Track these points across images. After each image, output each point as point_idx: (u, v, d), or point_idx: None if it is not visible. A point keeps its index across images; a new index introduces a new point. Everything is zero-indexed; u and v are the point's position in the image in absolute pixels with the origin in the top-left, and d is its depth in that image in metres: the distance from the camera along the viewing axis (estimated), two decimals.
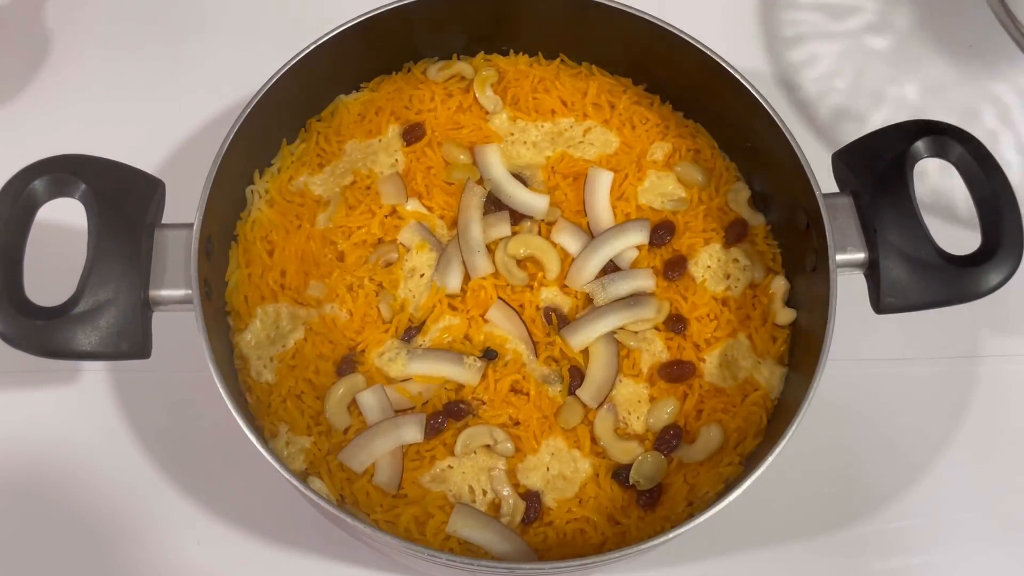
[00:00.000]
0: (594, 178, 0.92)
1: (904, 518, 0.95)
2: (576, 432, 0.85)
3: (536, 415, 0.84)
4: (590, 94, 0.96)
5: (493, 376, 0.85)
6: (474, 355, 0.85)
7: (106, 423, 0.96)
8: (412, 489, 0.82)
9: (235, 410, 0.73)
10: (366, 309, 0.86)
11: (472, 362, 0.84)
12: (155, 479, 0.94)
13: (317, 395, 0.84)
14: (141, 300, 0.76)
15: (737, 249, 0.91)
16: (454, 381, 0.84)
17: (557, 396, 0.86)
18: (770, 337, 0.88)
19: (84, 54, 1.13)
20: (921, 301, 0.80)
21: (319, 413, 0.83)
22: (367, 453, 0.81)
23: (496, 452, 0.83)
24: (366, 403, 0.83)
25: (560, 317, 0.88)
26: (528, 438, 0.84)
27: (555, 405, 0.85)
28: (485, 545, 0.79)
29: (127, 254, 0.76)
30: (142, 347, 0.76)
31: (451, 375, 0.84)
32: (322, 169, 0.93)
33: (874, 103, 1.14)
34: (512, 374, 0.85)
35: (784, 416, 0.83)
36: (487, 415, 0.84)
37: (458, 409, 0.84)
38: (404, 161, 0.93)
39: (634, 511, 0.82)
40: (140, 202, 0.78)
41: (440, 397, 0.84)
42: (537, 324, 0.87)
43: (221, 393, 0.74)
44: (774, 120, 0.85)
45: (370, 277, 0.87)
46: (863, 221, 0.82)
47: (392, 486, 0.81)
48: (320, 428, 0.83)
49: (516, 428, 0.84)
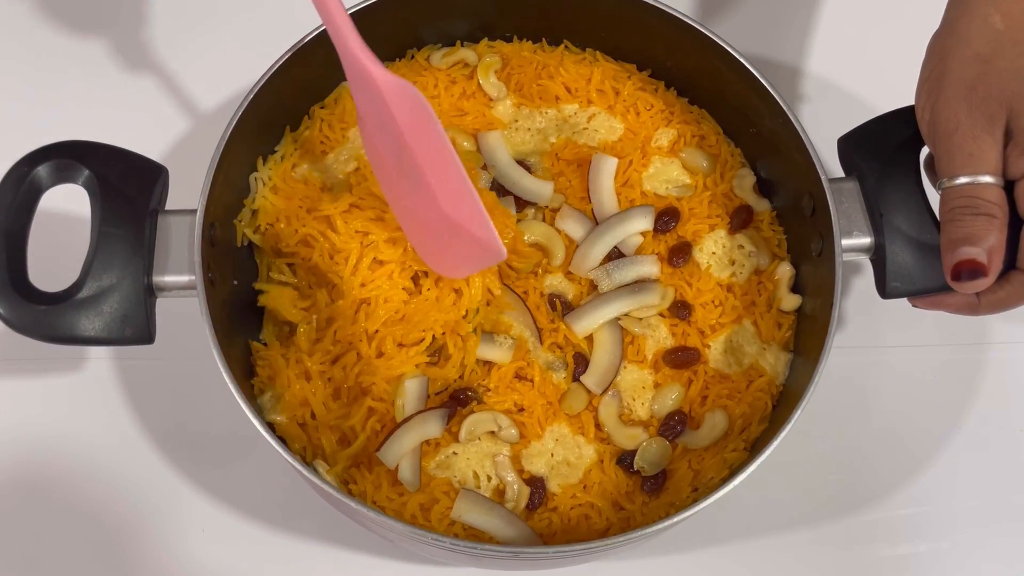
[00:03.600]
0: (598, 164, 0.91)
1: (911, 505, 0.95)
2: (580, 418, 0.84)
3: (540, 401, 0.84)
4: (594, 80, 0.96)
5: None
6: (506, 334, 0.84)
7: (111, 412, 0.96)
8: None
9: (240, 397, 0.73)
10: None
11: (503, 340, 0.84)
12: (160, 468, 0.94)
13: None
14: (144, 286, 0.76)
15: (742, 235, 0.90)
16: (486, 360, 0.84)
17: (561, 382, 0.85)
18: (775, 323, 0.87)
19: (88, 40, 1.12)
20: (928, 285, 0.79)
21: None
22: (399, 447, 0.80)
23: (500, 438, 0.82)
24: (411, 390, 0.82)
25: (564, 303, 0.87)
26: (532, 424, 0.83)
27: (559, 391, 0.85)
28: (490, 530, 0.79)
29: (130, 240, 0.76)
30: (146, 333, 0.76)
31: (484, 355, 0.84)
32: (325, 156, 0.93)
33: (882, 88, 1.12)
34: (517, 360, 0.85)
35: (789, 402, 0.82)
36: (492, 401, 0.84)
37: (464, 396, 0.83)
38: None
39: (639, 497, 0.82)
40: (143, 188, 0.78)
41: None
42: (541, 311, 0.87)
43: (225, 379, 0.73)
44: (779, 105, 0.85)
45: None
46: (869, 206, 0.81)
47: (415, 484, 0.80)
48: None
49: (520, 414, 0.84)
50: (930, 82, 0.77)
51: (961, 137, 0.73)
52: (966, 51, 0.75)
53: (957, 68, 0.75)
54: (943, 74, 0.76)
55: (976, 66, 0.74)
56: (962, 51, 0.75)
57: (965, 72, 0.74)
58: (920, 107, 0.78)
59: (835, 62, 1.16)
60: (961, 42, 0.75)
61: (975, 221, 0.73)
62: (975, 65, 0.74)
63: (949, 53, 0.76)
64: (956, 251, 0.74)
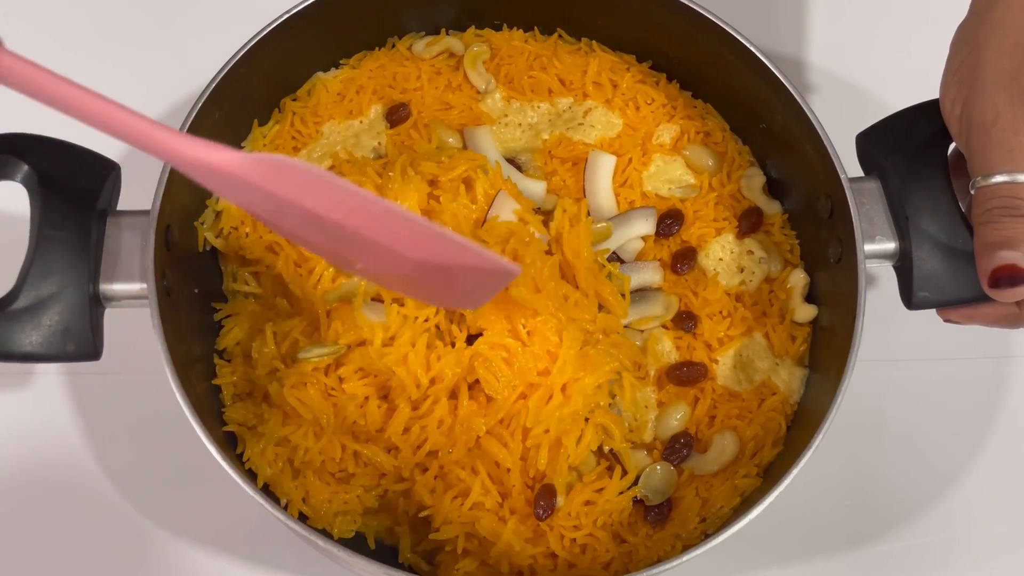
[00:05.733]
0: (595, 162, 0.85)
1: (933, 533, 0.89)
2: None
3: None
4: (590, 72, 0.90)
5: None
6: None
7: (60, 430, 0.89)
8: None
9: (193, 418, 0.66)
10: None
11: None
12: (112, 493, 0.87)
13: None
14: (90, 295, 0.69)
15: (752, 240, 0.85)
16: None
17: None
18: (789, 336, 0.82)
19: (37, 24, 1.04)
20: (960, 295, 0.73)
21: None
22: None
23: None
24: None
25: None
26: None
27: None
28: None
29: (74, 243, 0.69)
30: (91, 347, 0.69)
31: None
32: (297, 152, 0.86)
33: (892, 81, 1.06)
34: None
35: (805, 423, 0.77)
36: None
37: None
38: (387, 144, 0.85)
39: (642, 528, 0.76)
40: (91, 186, 0.72)
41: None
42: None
43: (177, 397, 0.67)
44: (794, 98, 0.80)
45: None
46: (893, 207, 0.76)
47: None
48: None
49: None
50: (960, 73, 0.71)
51: (1000, 131, 0.68)
52: (1004, 40, 0.70)
53: (994, 57, 0.69)
54: (977, 64, 0.70)
55: (1018, 55, 0.69)
56: (1000, 40, 0.70)
57: (1004, 61, 0.69)
58: (949, 100, 0.73)
59: (838, 53, 1.08)
60: (998, 30, 0.70)
61: (1014, 223, 0.67)
62: (1016, 54, 0.69)
63: (984, 42, 0.71)
64: (993, 256, 0.67)
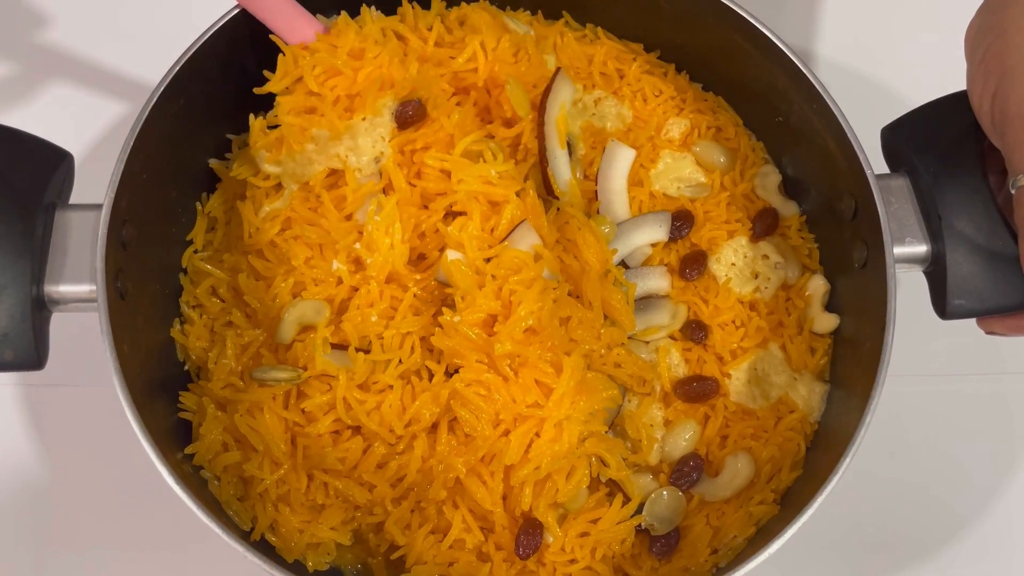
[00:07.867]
0: (612, 155, 0.81)
1: (963, 564, 0.85)
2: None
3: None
4: (596, 61, 0.86)
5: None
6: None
7: (8, 444, 0.84)
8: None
9: (143, 435, 0.61)
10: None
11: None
12: (64, 510, 0.82)
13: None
14: (32, 297, 0.65)
15: (767, 243, 0.81)
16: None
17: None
18: (808, 348, 0.78)
19: None
20: (1002, 303, 0.69)
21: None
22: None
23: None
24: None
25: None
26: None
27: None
28: None
29: (15, 240, 0.64)
30: (32, 355, 0.64)
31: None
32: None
33: (909, 73, 1.01)
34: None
35: (827, 444, 0.73)
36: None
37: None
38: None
39: (647, 560, 0.72)
40: (37, 176, 0.67)
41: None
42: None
43: (126, 410, 0.62)
44: (815, 88, 0.75)
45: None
46: (924, 207, 0.72)
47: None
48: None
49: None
50: (987, 62, 0.67)
51: None
52: None
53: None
54: (1005, 50, 0.65)
55: None
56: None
57: None
58: (977, 92, 0.68)
59: (852, 45, 1.03)
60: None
61: None
62: None
63: (1011, 26, 0.66)
64: None
